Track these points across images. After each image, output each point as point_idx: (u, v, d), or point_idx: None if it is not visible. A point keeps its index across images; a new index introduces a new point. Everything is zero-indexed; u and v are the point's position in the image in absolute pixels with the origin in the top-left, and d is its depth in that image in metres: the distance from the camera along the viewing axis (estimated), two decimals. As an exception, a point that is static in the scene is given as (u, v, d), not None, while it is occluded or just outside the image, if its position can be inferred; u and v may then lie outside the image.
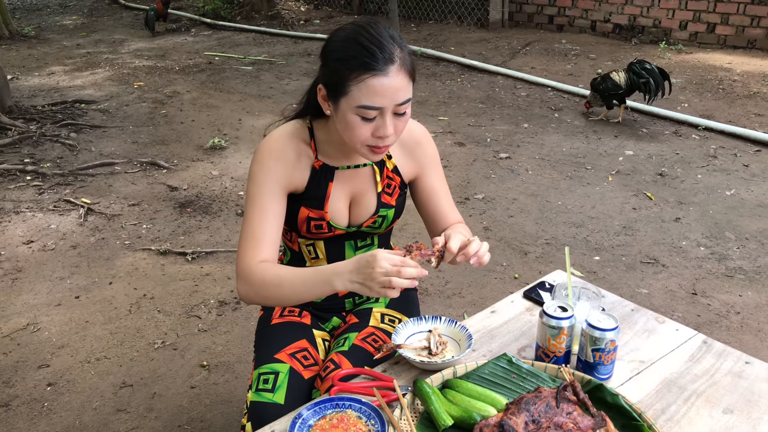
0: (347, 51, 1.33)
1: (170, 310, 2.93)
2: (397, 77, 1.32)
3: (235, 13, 9.65)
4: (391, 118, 1.36)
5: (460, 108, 5.51)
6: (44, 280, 3.18)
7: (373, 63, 1.30)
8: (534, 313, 1.60)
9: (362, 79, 1.31)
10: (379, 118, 1.35)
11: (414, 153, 1.60)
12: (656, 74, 4.72)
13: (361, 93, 1.31)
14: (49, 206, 3.91)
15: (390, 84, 1.31)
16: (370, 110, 1.33)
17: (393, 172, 1.58)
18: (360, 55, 1.31)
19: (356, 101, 1.32)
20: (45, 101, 5.81)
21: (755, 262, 3.21)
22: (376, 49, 1.31)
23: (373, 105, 1.32)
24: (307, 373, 1.52)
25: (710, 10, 6.91)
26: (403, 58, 1.34)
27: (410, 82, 1.36)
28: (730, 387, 1.33)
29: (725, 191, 3.95)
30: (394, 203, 1.59)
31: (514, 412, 1.18)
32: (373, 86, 1.31)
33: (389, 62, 1.31)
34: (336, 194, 1.53)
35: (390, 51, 1.32)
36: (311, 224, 1.53)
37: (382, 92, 1.31)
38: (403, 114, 1.37)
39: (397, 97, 1.33)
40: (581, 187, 4.07)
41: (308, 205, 1.53)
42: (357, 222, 1.58)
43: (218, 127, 5.22)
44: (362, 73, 1.30)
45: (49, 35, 8.84)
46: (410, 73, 1.36)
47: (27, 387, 2.48)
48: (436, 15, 8.81)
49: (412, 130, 1.60)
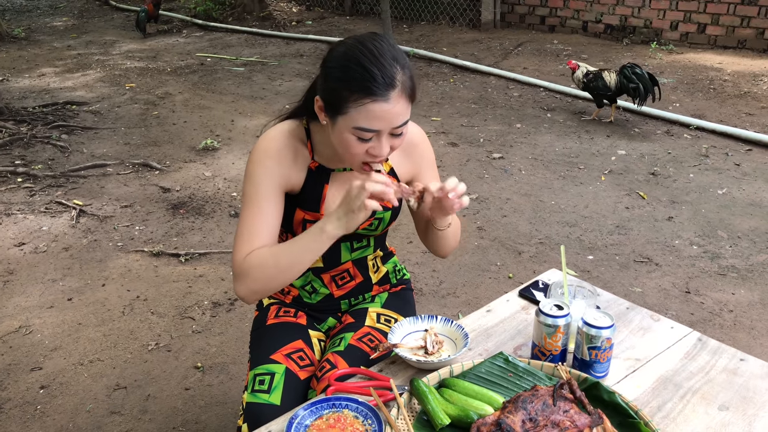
0: (348, 72, 1.30)
1: (164, 312, 2.92)
2: (398, 103, 1.31)
3: (226, 14, 9.63)
4: (387, 138, 1.35)
5: (453, 108, 5.52)
6: (36, 283, 3.16)
7: (374, 88, 1.28)
8: (529, 312, 1.60)
9: (362, 103, 1.29)
10: (375, 139, 1.34)
11: (411, 155, 1.59)
12: (646, 80, 4.75)
13: (360, 116, 1.30)
14: (41, 208, 3.89)
15: (390, 109, 1.30)
16: (367, 132, 1.32)
17: (390, 174, 1.57)
18: (361, 78, 1.28)
19: (354, 122, 1.31)
20: (36, 103, 5.78)
21: (747, 260, 3.23)
22: (377, 72, 1.28)
23: (371, 128, 1.31)
24: (303, 374, 1.51)
25: (701, 10, 6.95)
26: (405, 82, 1.32)
27: (410, 104, 1.36)
28: (726, 384, 1.34)
29: (717, 190, 3.98)
30: (390, 205, 1.58)
31: (511, 410, 1.18)
32: (373, 111, 1.29)
33: (390, 87, 1.29)
34: (332, 196, 1.52)
35: (391, 75, 1.29)
36: (307, 226, 1.52)
37: (381, 117, 1.30)
38: (399, 134, 1.37)
39: (395, 121, 1.32)
40: (574, 186, 4.08)
41: (304, 207, 1.52)
42: None
43: (210, 128, 5.21)
44: (362, 98, 1.28)
45: (39, 37, 8.79)
46: (411, 96, 1.35)
47: (19, 390, 2.46)
48: (428, 16, 8.82)
49: (410, 131, 1.58)
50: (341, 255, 1.62)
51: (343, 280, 1.67)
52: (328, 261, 1.62)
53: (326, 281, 1.66)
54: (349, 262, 1.64)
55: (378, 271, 1.72)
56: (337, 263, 1.63)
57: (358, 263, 1.66)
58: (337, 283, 1.67)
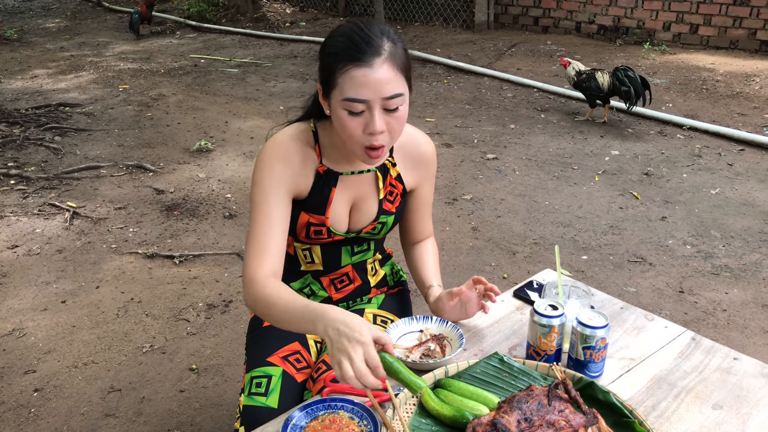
0: (337, 45, 1.33)
1: (158, 314, 2.91)
2: (382, 68, 1.30)
3: (220, 16, 9.61)
4: (381, 113, 1.33)
5: (447, 109, 5.53)
6: (30, 285, 3.15)
7: (357, 54, 1.29)
8: (524, 312, 1.61)
9: (346, 69, 1.30)
10: (367, 113, 1.33)
11: (419, 167, 1.60)
12: (638, 83, 4.77)
13: (345, 85, 1.30)
14: (34, 210, 3.88)
15: (374, 76, 1.29)
16: (355, 103, 1.31)
17: (396, 179, 1.57)
18: (344, 47, 1.31)
19: (342, 93, 1.31)
20: (28, 104, 5.76)
21: (740, 259, 3.25)
22: (361, 41, 1.30)
23: (358, 97, 1.30)
24: (300, 376, 1.51)
25: (693, 11, 6.98)
26: (394, 52, 1.33)
27: (401, 76, 1.34)
28: (719, 383, 1.34)
29: (710, 190, 3.99)
30: (394, 210, 1.58)
31: (507, 410, 1.18)
32: (357, 77, 1.29)
33: (375, 54, 1.30)
34: (338, 200, 1.51)
35: (378, 44, 1.31)
36: (311, 229, 1.52)
37: (366, 83, 1.29)
38: (395, 110, 1.35)
39: (383, 89, 1.31)
40: (568, 187, 4.10)
41: (309, 211, 1.50)
42: (356, 228, 1.57)
43: (204, 129, 5.20)
44: (347, 64, 1.30)
45: (31, 38, 8.75)
46: (401, 67, 1.34)
47: (13, 393, 2.45)
48: (422, 17, 8.83)
49: (423, 145, 1.59)
50: (341, 259, 1.62)
51: (342, 284, 1.67)
52: (328, 264, 1.62)
53: (325, 284, 1.66)
54: (349, 266, 1.64)
55: (376, 275, 1.72)
56: (337, 267, 1.63)
57: (358, 267, 1.66)
58: (336, 286, 1.66)
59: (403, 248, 1.76)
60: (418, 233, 1.72)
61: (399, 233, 1.75)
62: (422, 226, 1.71)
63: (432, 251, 1.72)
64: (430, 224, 1.74)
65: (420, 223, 1.70)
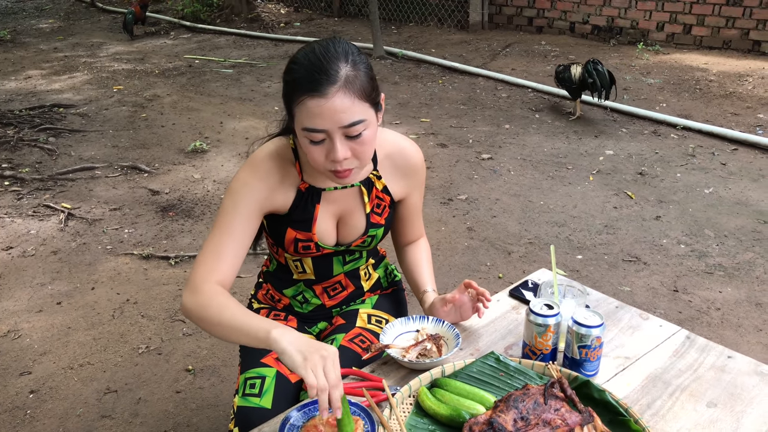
0: (290, 72, 1.29)
1: (154, 315, 2.91)
2: (337, 98, 1.24)
3: (214, 16, 9.60)
4: (342, 141, 1.29)
5: (442, 109, 5.54)
6: (25, 287, 3.14)
7: (309, 84, 1.24)
8: (519, 311, 1.62)
9: (301, 100, 1.26)
10: (328, 141, 1.29)
11: (407, 177, 1.58)
12: (604, 77, 4.91)
13: (302, 115, 1.27)
14: (29, 211, 3.87)
15: (329, 106, 1.24)
16: (313, 133, 1.28)
17: (383, 191, 1.55)
18: (299, 77, 1.26)
19: (300, 123, 1.28)
20: (22, 105, 5.74)
21: (734, 258, 3.26)
22: (315, 70, 1.25)
23: (314, 127, 1.27)
24: (294, 377, 1.51)
25: (686, 11, 7.01)
26: (352, 78, 1.26)
27: (360, 102, 1.28)
28: (714, 381, 1.35)
29: (704, 189, 4.01)
30: (383, 222, 1.57)
31: (503, 409, 1.19)
32: (311, 108, 1.25)
33: (329, 83, 1.24)
34: (323, 215, 1.50)
35: (333, 71, 1.25)
36: (299, 245, 1.51)
37: (320, 114, 1.25)
38: (358, 136, 1.29)
39: (339, 119, 1.25)
40: (563, 186, 4.11)
41: (295, 227, 1.49)
42: (345, 241, 1.56)
43: (199, 130, 5.19)
44: (301, 95, 1.26)
45: (25, 39, 8.73)
46: (360, 92, 1.28)
47: (9, 395, 2.45)
48: (417, 17, 8.84)
49: (410, 154, 1.57)
50: (333, 268, 1.61)
51: (335, 291, 1.66)
52: (320, 274, 1.61)
53: (318, 292, 1.65)
54: (341, 275, 1.64)
55: (370, 279, 1.72)
56: (329, 276, 1.63)
57: (351, 274, 1.66)
58: (329, 294, 1.66)
59: (396, 250, 1.76)
60: (410, 236, 1.72)
61: (390, 236, 1.75)
62: (413, 229, 1.71)
63: (425, 252, 1.72)
64: (422, 226, 1.74)
65: (411, 227, 1.70)
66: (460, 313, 1.52)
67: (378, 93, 1.35)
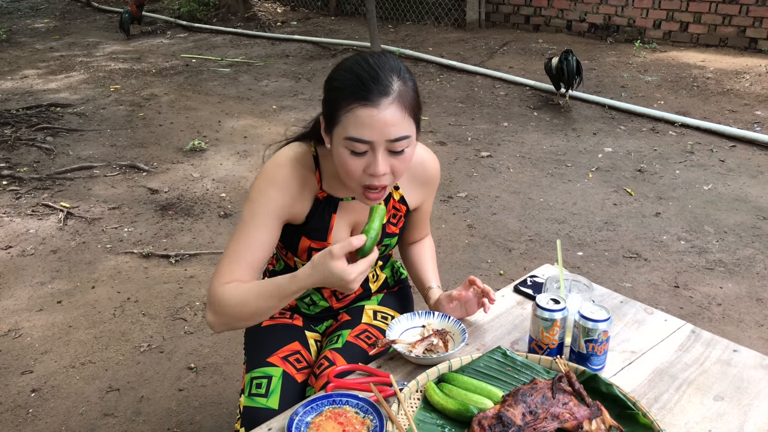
0: (342, 80, 1.27)
1: (155, 313, 2.90)
2: (389, 110, 1.23)
3: (211, 15, 9.58)
4: (384, 155, 1.28)
5: (440, 108, 5.54)
6: (25, 286, 3.13)
7: (363, 92, 1.23)
8: (524, 307, 1.62)
9: (351, 108, 1.24)
10: (370, 154, 1.28)
11: (424, 186, 1.58)
12: (571, 66, 5.10)
13: (349, 123, 1.25)
14: (27, 211, 3.85)
15: (380, 117, 1.23)
16: (358, 143, 1.25)
17: (399, 202, 1.55)
18: (352, 84, 1.25)
19: (345, 132, 1.26)
20: (19, 105, 5.72)
21: (734, 254, 3.27)
22: (369, 78, 1.24)
23: (361, 138, 1.25)
24: (300, 376, 1.51)
25: (683, 9, 7.02)
26: (403, 92, 1.26)
27: (408, 118, 1.27)
28: (720, 375, 1.36)
29: (703, 186, 4.02)
30: (398, 231, 1.58)
31: (511, 403, 1.19)
32: (361, 117, 1.23)
33: (382, 94, 1.23)
34: (339, 225, 1.50)
35: (386, 83, 1.24)
36: (312, 254, 1.49)
37: (370, 124, 1.23)
38: (400, 152, 1.29)
39: (388, 132, 1.24)
40: (562, 183, 4.11)
41: (310, 237, 1.48)
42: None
43: (197, 129, 5.18)
44: (352, 102, 1.24)
45: (20, 39, 8.70)
46: (410, 108, 1.27)
47: (10, 394, 2.44)
48: (414, 16, 8.84)
49: (429, 165, 1.56)
50: None
51: (344, 294, 1.65)
52: None
53: (326, 295, 1.65)
54: None
55: (377, 280, 1.71)
56: None
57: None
58: (337, 297, 1.66)
59: (400, 248, 1.76)
60: (416, 235, 1.73)
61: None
62: (420, 230, 1.72)
63: (429, 250, 1.73)
64: (428, 225, 1.74)
65: (417, 226, 1.71)
66: (465, 309, 1.53)
67: (421, 111, 1.34)
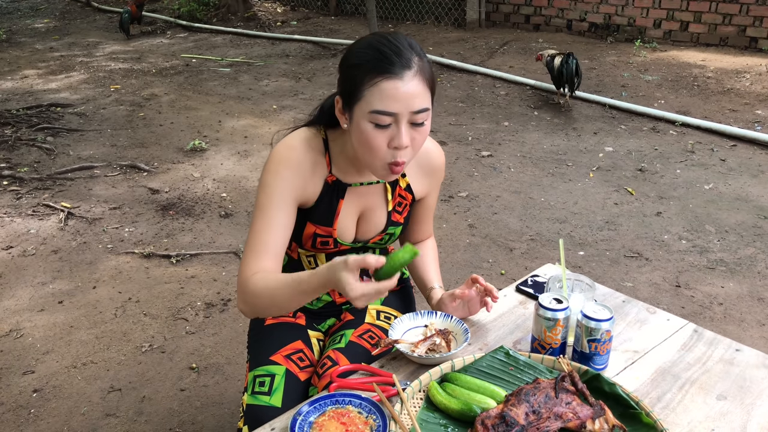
0: (363, 56, 1.30)
1: (156, 313, 2.90)
2: (413, 82, 1.28)
3: (210, 15, 9.58)
4: (407, 127, 1.30)
5: (441, 107, 5.54)
6: (26, 286, 3.13)
7: (388, 66, 1.26)
8: (527, 306, 1.62)
9: (375, 82, 1.27)
10: (393, 126, 1.30)
11: (429, 177, 1.59)
12: (570, 69, 5.13)
13: (374, 97, 1.27)
14: (28, 211, 3.85)
15: (405, 89, 1.27)
16: (383, 116, 1.28)
17: (406, 190, 1.56)
18: (374, 59, 1.28)
19: (369, 106, 1.28)
20: (19, 105, 5.72)
21: (735, 253, 3.27)
22: (391, 53, 1.27)
23: (387, 110, 1.27)
24: (302, 375, 1.51)
25: (683, 8, 7.02)
26: (422, 66, 1.30)
27: (428, 91, 1.32)
28: (723, 374, 1.36)
29: (704, 185, 4.02)
30: (402, 220, 1.58)
31: (514, 403, 1.19)
32: (387, 90, 1.26)
33: (405, 67, 1.27)
34: (346, 211, 1.50)
35: (407, 57, 1.28)
36: (317, 240, 1.50)
37: (395, 96, 1.26)
38: (421, 125, 1.32)
39: (413, 103, 1.28)
40: (563, 183, 4.11)
41: (316, 221, 1.49)
42: (364, 238, 1.56)
43: (198, 129, 5.18)
44: (376, 76, 1.27)
45: (20, 39, 8.69)
46: (428, 81, 1.31)
47: (12, 394, 2.44)
48: (414, 15, 8.84)
49: (434, 155, 1.58)
50: None
51: None
52: None
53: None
54: None
55: None
56: None
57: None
58: None
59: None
60: (420, 235, 1.73)
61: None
62: (424, 229, 1.72)
63: (432, 251, 1.73)
64: (431, 226, 1.75)
65: (423, 227, 1.71)
66: (468, 308, 1.53)
67: (436, 87, 1.37)
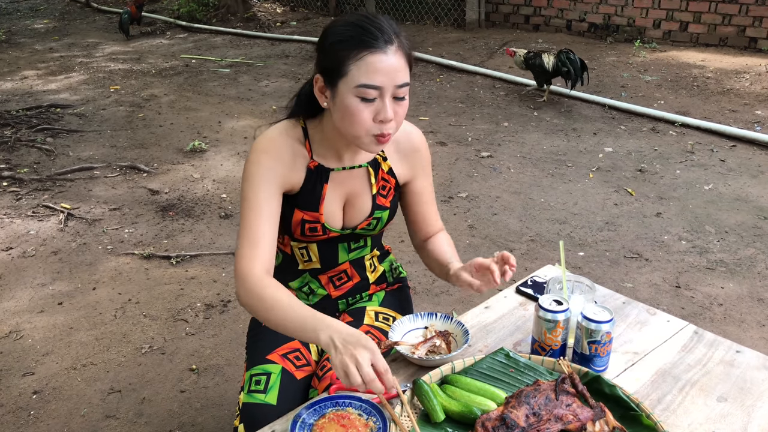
0: (347, 32, 1.33)
1: (156, 315, 2.90)
2: (396, 56, 1.32)
3: (210, 16, 9.58)
4: (391, 101, 1.34)
5: (441, 108, 5.53)
6: (25, 287, 3.13)
7: (372, 41, 1.30)
8: (527, 308, 1.62)
9: (361, 56, 1.30)
10: (378, 101, 1.33)
11: (410, 158, 1.59)
12: (577, 65, 5.17)
13: (360, 71, 1.30)
14: (28, 212, 3.85)
15: (389, 62, 1.31)
16: (369, 89, 1.31)
17: (388, 173, 1.57)
18: (359, 35, 1.31)
19: (355, 80, 1.31)
20: (19, 106, 5.72)
21: (735, 254, 3.27)
22: (374, 29, 1.32)
23: (373, 83, 1.31)
24: (299, 374, 1.51)
25: (683, 8, 7.02)
26: (402, 42, 1.35)
27: (407, 66, 1.36)
28: (723, 375, 1.36)
29: (704, 186, 4.02)
30: (388, 205, 1.58)
31: (515, 405, 1.19)
32: (373, 63, 1.30)
33: (388, 42, 1.31)
34: (330, 196, 1.52)
35: (389, 33, 1.33)
36: (305, 227, 1.52)
37: (381, 70, 1.30)
38: (402, 99, 1.36)
39: (396, 77, 1.32)
40: (563, 184, 4.11)
41: (302, 208, 1.50)
42: (351, 224, 1.57)
43: (198, 129, 5.18)
44: (361, 51, 1.30)
45: (20, 39, 8.69)
46: (408, 57, 1.36)
47: (11, 395, 2.44)
48: (413, 16, 8.84)
49: (411, 134, 1.59)
50: (338, 256, 1.62)
51: (341, 281, 1.67)
52: (326, 262, 1.62)
53: (323, 282, 1.66)
54: (346, 263, 1.64)
55: (375, 271, 1.72)
56: (334, 264, 1.63)
57: (356, 263, 1.66)
58: (334, 283, 1.66)
59: (418, 250, 1.72)
60: (428, 228, 1.68)
61: (409, 235, 1.72)
62: (430, 220, 1.68)
63: (446, 241, 1.66)
64: (438, 218, 1.70)
65: (426, 217, 1.67)
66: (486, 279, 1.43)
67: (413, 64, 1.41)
